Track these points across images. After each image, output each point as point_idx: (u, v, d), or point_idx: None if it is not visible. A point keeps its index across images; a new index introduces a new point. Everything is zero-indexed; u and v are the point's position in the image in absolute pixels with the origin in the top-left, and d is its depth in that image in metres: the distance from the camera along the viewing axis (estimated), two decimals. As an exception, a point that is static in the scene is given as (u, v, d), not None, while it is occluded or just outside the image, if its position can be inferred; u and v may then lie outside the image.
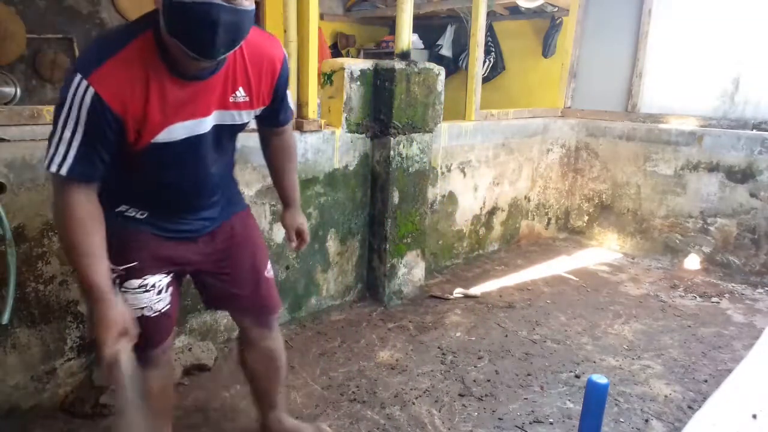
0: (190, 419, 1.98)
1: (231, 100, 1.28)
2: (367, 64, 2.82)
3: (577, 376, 2.36)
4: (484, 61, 5.06)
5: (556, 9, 4.80)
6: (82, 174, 1.14)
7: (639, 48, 4.09)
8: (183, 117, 1.21)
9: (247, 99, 1.31)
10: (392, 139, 2.81)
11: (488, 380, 2.32)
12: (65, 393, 2.02)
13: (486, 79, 5.28)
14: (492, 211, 3.92)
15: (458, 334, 2.72)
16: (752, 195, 3.52)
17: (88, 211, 1.17)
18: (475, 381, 2.31)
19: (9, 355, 1.89)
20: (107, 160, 1.17)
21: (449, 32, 5.62)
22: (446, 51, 5.62)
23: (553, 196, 4.42)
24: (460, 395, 2.20)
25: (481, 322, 2.86)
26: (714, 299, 3.27)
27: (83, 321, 2.04)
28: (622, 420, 2.08)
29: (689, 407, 2.17)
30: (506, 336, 2.72)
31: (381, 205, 2.94)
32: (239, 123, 1.35)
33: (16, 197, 1.81)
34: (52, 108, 1.91)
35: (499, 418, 2.07)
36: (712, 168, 3.67)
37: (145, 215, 1.35)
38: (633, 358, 2.54)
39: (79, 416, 1.95)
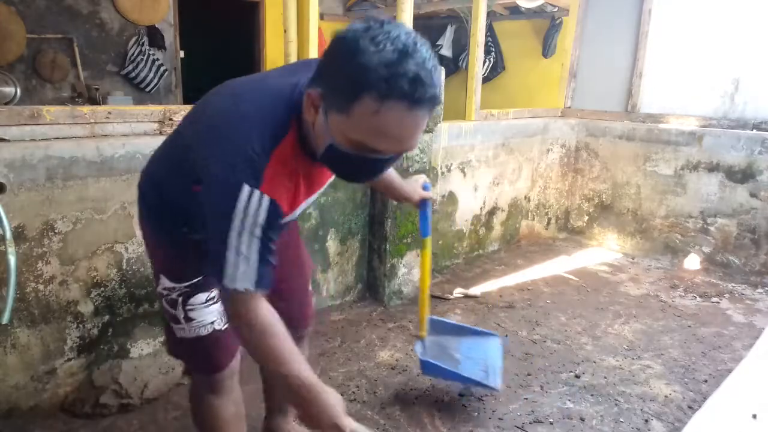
0: (189, 419, 1.98)
1: None
2: (367, 64, 2.81)
3: (577, 376, 2.36)
4: (484, 61, 5.06)
5: (556, 9, 4.80)
6: (266, 284, 1.05)
7: (639, 48, 4.09)
8: (308, 195, 1.21)
9: None
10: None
11: (488, 380, 2.32)
12: (65, 393, 2.02)
13: (486, 79, 5.28)
14: (492, 211, 3.92)
15: (458, 334, 2.72)
16: (752, 195, 3.52)
17: (274, 317, 1.07)
18: (475, 381, 2.31)
19: (9, 355, 1.88)
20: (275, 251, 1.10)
21: (449, 32, 5.61)
22: (446, 51, 5.62)
23: (553, 196, 4.42)
24: (460, 395, 2.20)
25: (481, 322, 2.86)
26: (714, 299, 3.27)
27: (83, 321, 2.04)
28: (622, 420, 2.08)
29: (689, 407, 2.17)
30: (506, 336, 2.72)
31: (381, 205, 2.94)
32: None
33: (16, 197, 1.81)
34: (52, 108, 1.93)
35: (499, 418, 2.07)
36: (712, 168, 3.67)
37: None
38: (633, 358, 2.54)
39: (79, 416, 1.95)
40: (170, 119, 2.20)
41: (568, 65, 4.45)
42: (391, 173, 1.61)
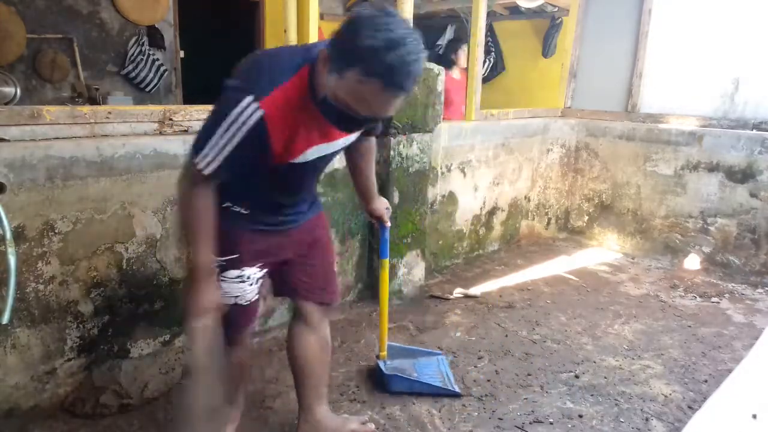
0: (190, 419, 1.98)
1: None
2: (367, 64, 2.81)
3: (577, 376, 2.36)
4: (484, 61, 5.06)
5: (556, 9, 4.81)
6: (217, 176, 1.29)
7: (639, 48, 4.09)
8: (320, 141, 1.36)
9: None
10: (392, 139, 2.81)
11: (488, 380, 2.32)
12: (65, 393, 2.02)
13: (486, 79, 5.28)
14: (492, 211, 3.92)
15: (458, 334, 2.72)
16: (752, 195, 3.52)
17: (208, 203, 1.35)
18: (475, 381, 2.31)
19: (9, 355, 1.88)
20: (237, 171, 1.31)
21: (449, 32, 5.61)
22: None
23: (553, 196, 4.42)
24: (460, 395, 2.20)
25: (481, 322, 2.86)
26: (714, 299, 3.27)
27: (83, 321, 2.04)
28: (622, 420, 2.08)
29: (689, 407, 2.17)
30: (506, 336, 2.72)
31: (381, 205, 2.94)
32: (345, 146, 1.52)
33: (16, 197, 1.81)
34: (52, 108, 1.93)
35: (499, 418, 2.07)
36: (712, 168, 3.67)
37: (247, 212, 1.49)
38: (633, 358, 2.54)
39: (79, 416, 1.95)
40: (170, 119, 2.20)
41: (568, 65, 4.45)
42: (373, 183, 1.85)
